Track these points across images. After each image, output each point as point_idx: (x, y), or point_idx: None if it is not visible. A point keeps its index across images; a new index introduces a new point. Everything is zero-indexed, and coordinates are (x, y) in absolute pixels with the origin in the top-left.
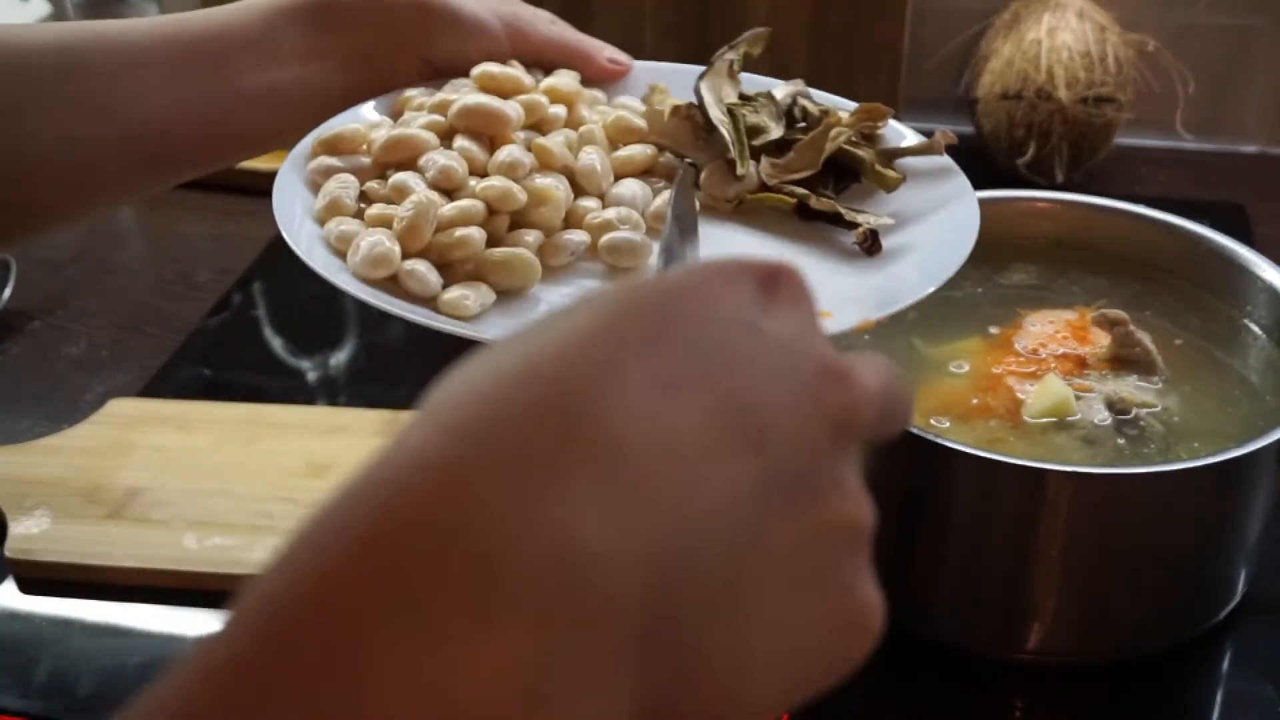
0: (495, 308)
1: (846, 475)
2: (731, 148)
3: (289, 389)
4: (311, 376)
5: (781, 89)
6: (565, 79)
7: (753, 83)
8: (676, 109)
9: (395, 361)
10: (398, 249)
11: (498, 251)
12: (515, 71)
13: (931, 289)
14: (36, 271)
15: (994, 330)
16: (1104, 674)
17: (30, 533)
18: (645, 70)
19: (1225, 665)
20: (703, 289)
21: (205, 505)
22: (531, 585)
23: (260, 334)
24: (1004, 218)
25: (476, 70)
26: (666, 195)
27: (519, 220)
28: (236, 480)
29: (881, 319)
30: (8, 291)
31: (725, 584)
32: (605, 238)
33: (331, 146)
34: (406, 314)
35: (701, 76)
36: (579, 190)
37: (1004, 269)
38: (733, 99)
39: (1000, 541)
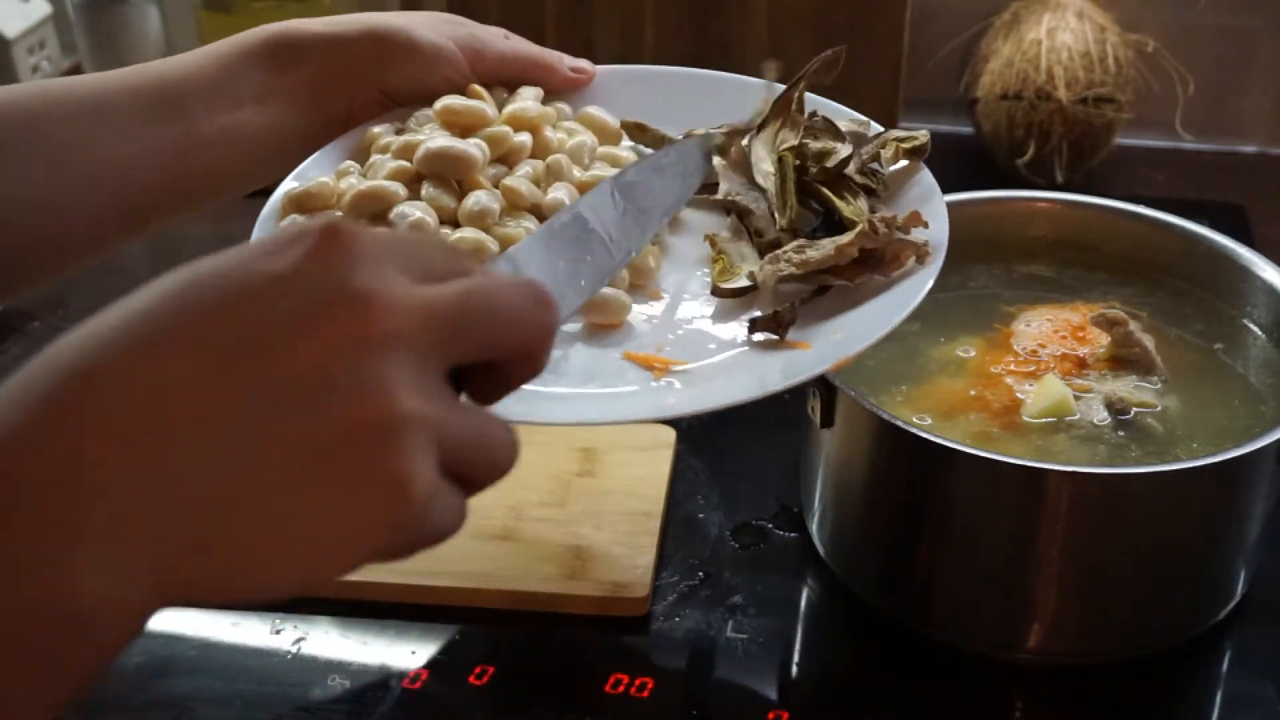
0: None
1: (373, 377)
2: (773, 201)
3: None
4: None
5: (842, 123)
6: (528, 101)
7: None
8: (734, 141)
9: None
10: None
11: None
12: (477, 104)
13: (900, 319)
14: None
15: (993, 330)
16: (1104, 674)
17: None
18: (617, 75)
19: (1225, 665)
20: (243, 257)
21: None
22: (28, 472)
23: None
24: (1004, 218)
25: (438, 105)
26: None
27: None
28: None
29: (858, 354)
30: None
31: (220, 476)
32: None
33: (301, 204)
34: None
35: (759, 129)
36: None
37: (1004, 269)
38: (791, 143)
39: (1000, 542)
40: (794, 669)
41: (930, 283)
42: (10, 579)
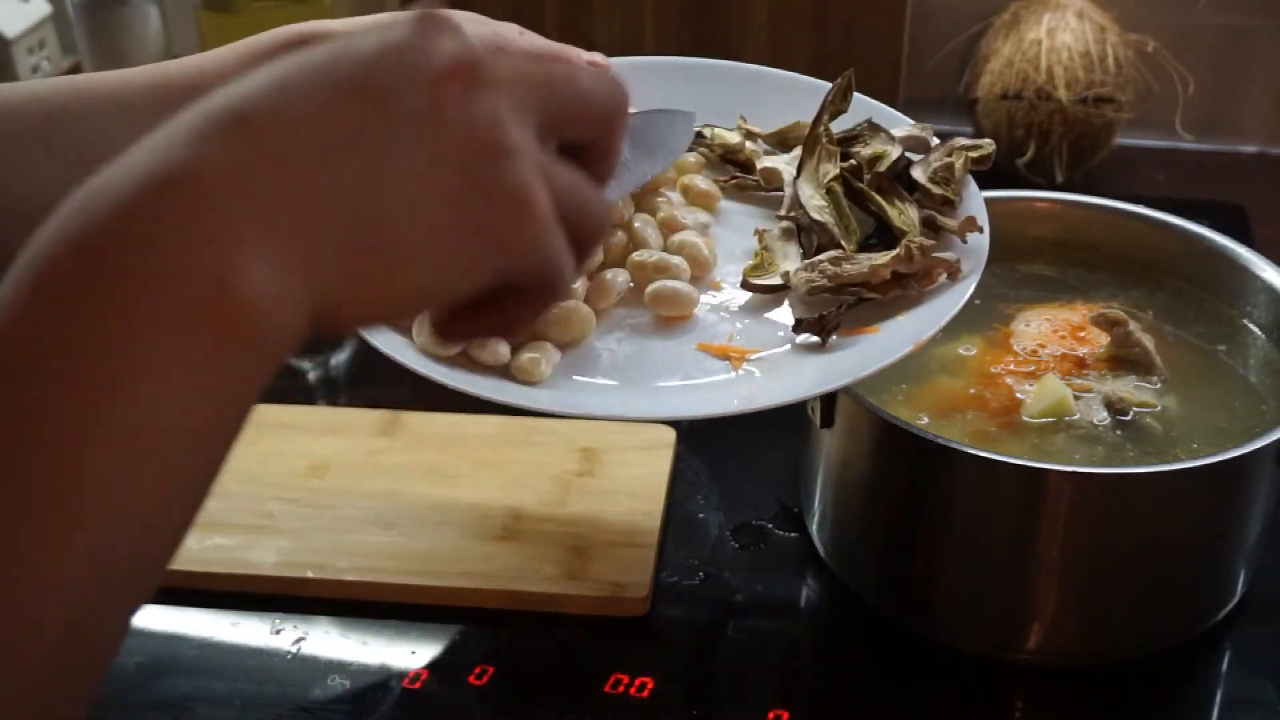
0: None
1: (484, 110)
2: (836, 231)
3: (289, 389)
4: (311, 376)
5: (901, 131)
6: None
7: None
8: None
9: (395, 361)
10: None
11: (555, 308)
12: None
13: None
14: None
15: (993, 330)
16: (1104, 674)
17: None
18: (631, 67)
19: (1225, 665)
20: (359, 36)
21: (205, 505)
22: (191, 190)
23: None
24: (1004, 218)
25: None
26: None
27: None
28: (236, 480)
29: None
30: None
31: (363, 191)
32: (651, 287)
33: None
34: (488, 394)
35: (798, 174)
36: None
37: (1004, 269)
38: (834, 173)
39: (1000, 541)
40: (794, 669)
41: (970, 290)
42: (187, 275)
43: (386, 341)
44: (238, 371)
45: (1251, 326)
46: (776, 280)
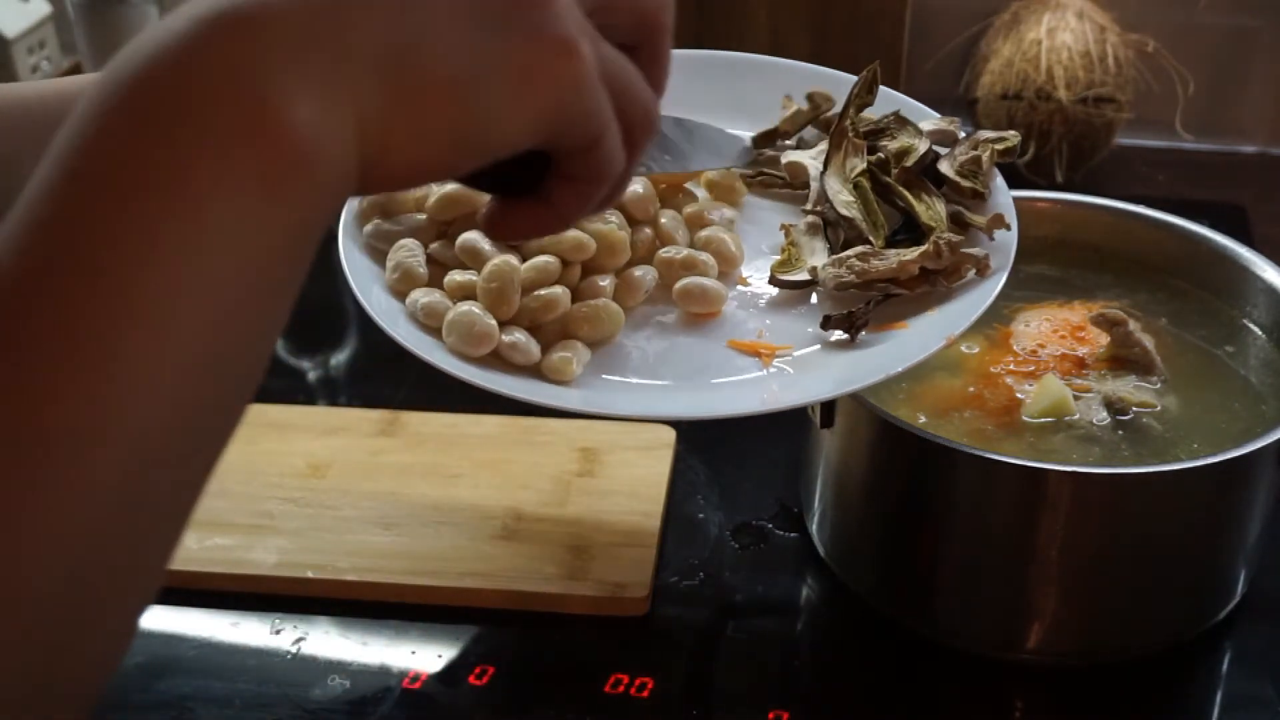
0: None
1: None
2: (864, 227)
3: (289, 389)
4: (311, 376)
5: (928, 125)
6: None
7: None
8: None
9: (395, 361)
10: (494, 322)
11: (584, 306)
12: None
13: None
14: None
15: (993, 329)
16: (1104, 674)
17: None
18: None
19: (1225, 665)
20: None
21: (205, 505)
22: (234, 23)
23: None
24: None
25: None
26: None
27: (586, 265)
28: (236, 480)
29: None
30: None
31: (405, 26)
32: (679, 285)
33: (384, 209)
34: (520, 394)
35: (824, 169)
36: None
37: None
38: (860, 167)
39: (1000, 541)
40: (794, 669)
41: (1000, 286)
42: (234, 116)
43: (417, 342)
44: (292, 205)
45: (1252, 326)
46: (804, 276)
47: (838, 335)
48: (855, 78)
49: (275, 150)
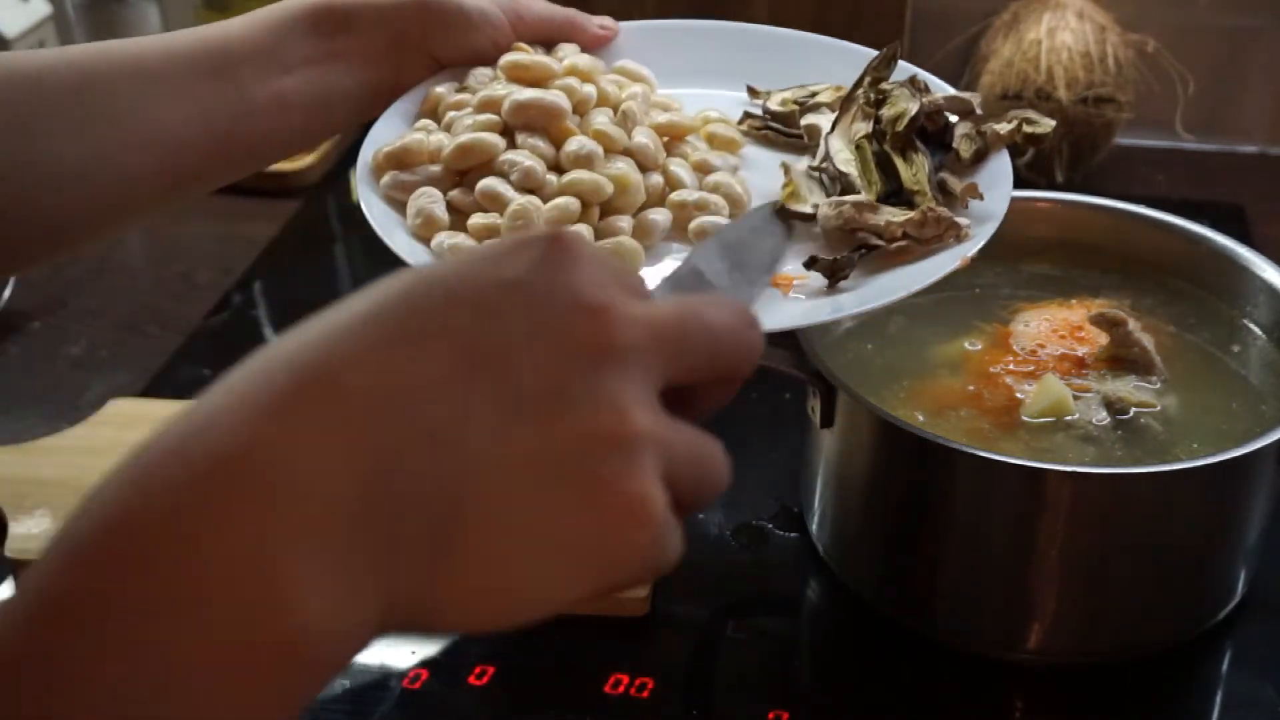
0: None
1: (607, 391)
2: (859, 183)
3: None
4: None
5: (948, 93)
6: (581, 57)
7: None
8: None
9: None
10: None
11: (607, 244)
12: (544, 59)
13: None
14: (36, 272)
15: (993, 329)
16: (1104, 674)
17: (30, 533)
18: (639, 29)
19: (1225, 665)
20: (471, 261)
21: None
22: (247, 485)
23: (260, 334)
24: (1004, 218)
25: (506, 60)
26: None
27: (603, 208)
28: None
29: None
30: (8, 292)
31: (454, 485)
32: (695, 222)
33: (398, 160)
34: None
35: (831, 130)
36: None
37: (1004, 269)
38: (865, 131)
39: (1000, 541)
40: (794, 669)
41: (977, 248)
42: (231, 601)
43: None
44: (275, 697)
45: (1251, 326)
46: (809, 209)
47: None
48: (863, 48)
49: (273, 639)
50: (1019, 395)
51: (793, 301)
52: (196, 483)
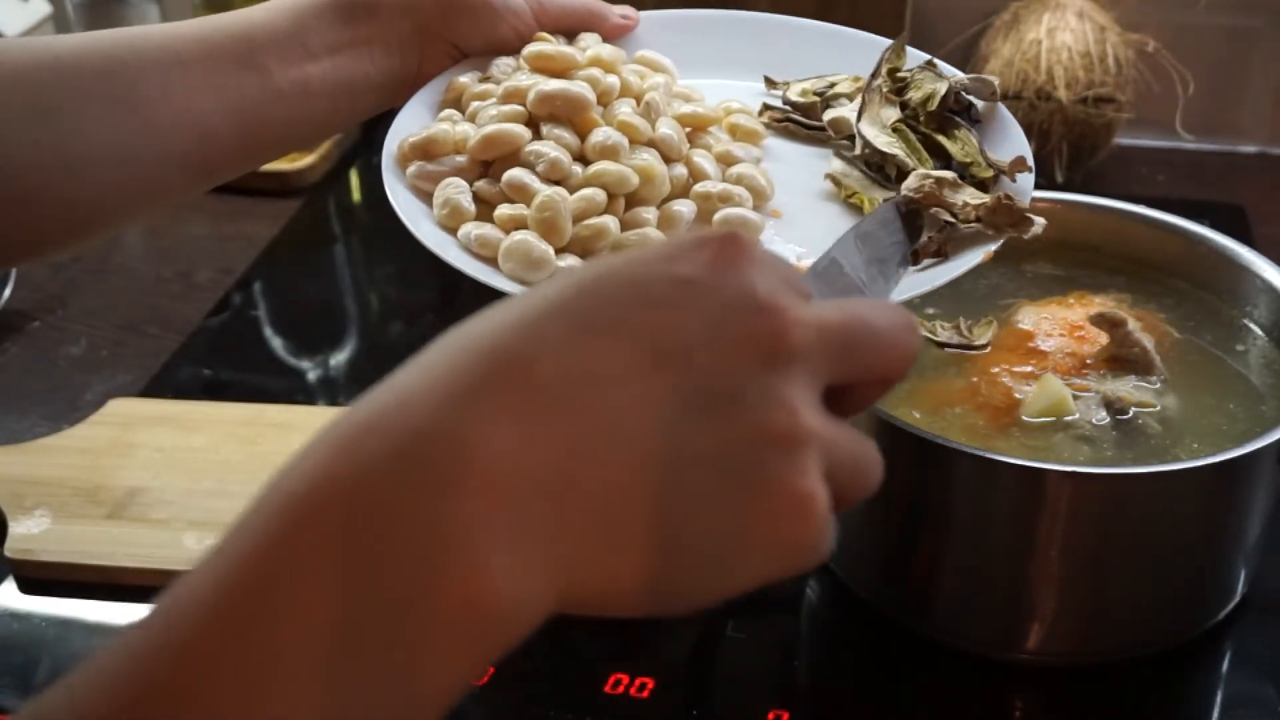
0: None
1: (779, 391)
2: (909, 163)
3: (289, 389)
4: (311, 376)
5: (967, 76)
6: (604, 48)
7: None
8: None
9: (395, 361)
10: (550, 247)
11: (631, 235)
12: (568, 49)
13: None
14: (36, 271)
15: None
16: (1104, 674)
17: (30, 533)
18: (659, 20)
19: (1225, 665)
20: (648, 259)
21: (205, 505)
22: (444, 463)
23: (260, 334)
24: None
25: (530, 51)
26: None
27: (627, 200)
28: (236, 480)
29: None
30: (8, 291)
31: (638, 475)
32: (719, 215)
33: (424, 151)
34: None
35: (859, 119)
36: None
37: (1003, 269)
38: (896, 116)
39: (1000, 541)
40: (794, 669)
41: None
42: (426, 568)
43: (475, 269)
44: (456, 667)
45: (1252, 326)
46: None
47: (929, 262)
48: (880, 37)
49: (469, 622)
50: (1018, 395)
51: None
52: (397, 456)
